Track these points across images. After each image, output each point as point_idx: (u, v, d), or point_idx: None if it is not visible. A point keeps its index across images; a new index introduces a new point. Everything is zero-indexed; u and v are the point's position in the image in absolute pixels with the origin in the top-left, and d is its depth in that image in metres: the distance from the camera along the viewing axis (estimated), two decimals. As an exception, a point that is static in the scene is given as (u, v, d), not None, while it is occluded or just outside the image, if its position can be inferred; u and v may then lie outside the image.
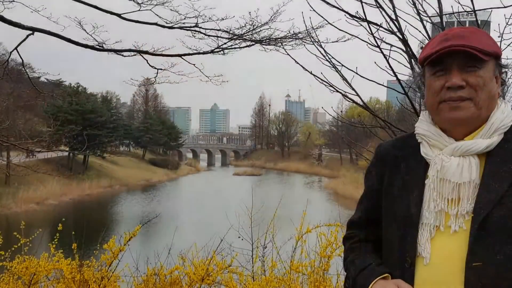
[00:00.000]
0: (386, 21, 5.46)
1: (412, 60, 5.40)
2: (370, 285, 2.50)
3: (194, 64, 11.62)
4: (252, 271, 7.57)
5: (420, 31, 5.43)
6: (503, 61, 2.53)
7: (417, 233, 2.43)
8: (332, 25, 6.24)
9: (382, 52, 5.46)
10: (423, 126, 2.56)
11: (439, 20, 5.41)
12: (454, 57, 2.36)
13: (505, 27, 5.18)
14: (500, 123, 2.40)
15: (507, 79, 2.68)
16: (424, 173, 2.51)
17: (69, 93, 71.50)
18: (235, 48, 11.63)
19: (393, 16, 5.42)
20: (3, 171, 45.41)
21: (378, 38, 5.47)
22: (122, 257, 7.27)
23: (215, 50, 11.44)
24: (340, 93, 5.81)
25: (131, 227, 7.86)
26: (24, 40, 10.08)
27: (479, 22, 5.32)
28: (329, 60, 5.77)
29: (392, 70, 5.51)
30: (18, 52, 10.64)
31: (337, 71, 5.76)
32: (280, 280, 6.85)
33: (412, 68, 5.40)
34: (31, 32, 9.92)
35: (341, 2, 5.57)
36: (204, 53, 11.53)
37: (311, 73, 5.82)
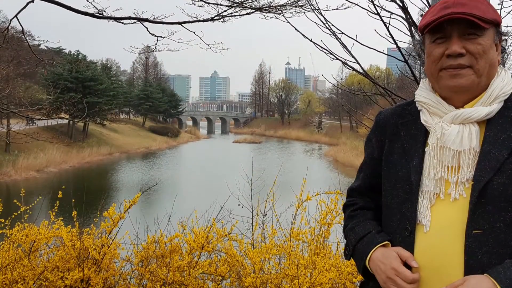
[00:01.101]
0: (386, -12, 5.44)
1: (412, 27, 5.39)
2: (370, 253, 2.53)
3: (194, 32, 11.58)
4: (252, 238, 7.59)
5: (420, -2, 5.41)
6: (503, 29, 2.53)
7: (417, 200, 2.44)
8: (332, -8, 6.21)
9: (382, 20, 5.45)
10: (423, 94, 2.56)
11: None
12: (454, 25, 2.36)
13: (505, -6, 5.17)
14: (500, 91, 2.40)
15: (507, 47, 2.67)
16: (424, 140, 2.52)
17: (69, 61, 71.14)
18: (235, 15, 11.57)
19: (394, -17, 5.40)
20: (3, 138, 45.43)
21: (378, 6, 5.46)
22: (122, 224, 7.27)
23: (215, 17, 11.37)
24: (340, 60, 5.81)
25: (131, 194, 7.89)
26: (24, 7, 10.01)
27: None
28: (329, 28, 5.76)
29: (392, 37, 5.50)
30: (18, 19, 10.59)
31: (337, 39, 5.75)
32: (280, 248, 6.86)
33: (412, 35, 5.38)
34: (31, -1, 9.84)
35: (341, -32, 5.55)
36: (204, 20, 11.47)
37: (311, 40, 5.81)
